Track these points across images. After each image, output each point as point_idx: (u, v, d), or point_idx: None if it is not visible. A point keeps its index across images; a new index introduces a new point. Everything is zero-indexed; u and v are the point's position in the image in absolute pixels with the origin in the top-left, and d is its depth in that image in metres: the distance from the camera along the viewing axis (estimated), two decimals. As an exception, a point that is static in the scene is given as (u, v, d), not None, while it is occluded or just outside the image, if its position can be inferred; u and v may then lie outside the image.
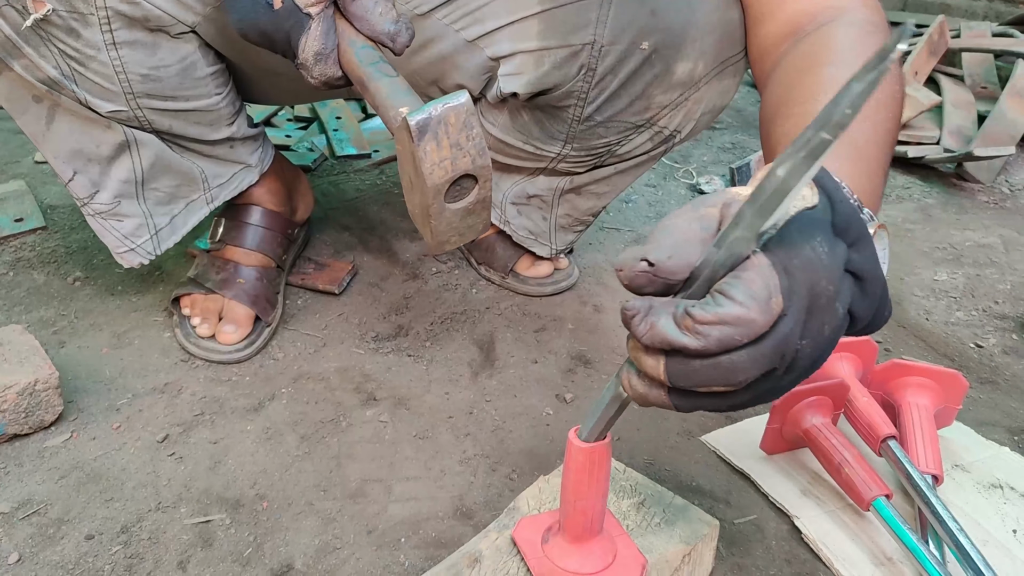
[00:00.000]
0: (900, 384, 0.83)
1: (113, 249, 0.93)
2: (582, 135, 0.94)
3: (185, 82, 0.85)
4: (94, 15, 0.76)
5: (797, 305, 0.40)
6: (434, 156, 0.60)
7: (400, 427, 0.86)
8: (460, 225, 0.66)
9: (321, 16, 0.66)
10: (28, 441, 0.82)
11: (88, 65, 0.79)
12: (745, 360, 0.40)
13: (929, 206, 1.42)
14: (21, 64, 0.79)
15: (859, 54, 0.64)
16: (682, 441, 0.85)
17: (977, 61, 1.93)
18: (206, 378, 0.93)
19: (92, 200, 0.90)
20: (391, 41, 0.68)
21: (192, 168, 0.93)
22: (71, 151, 0.86)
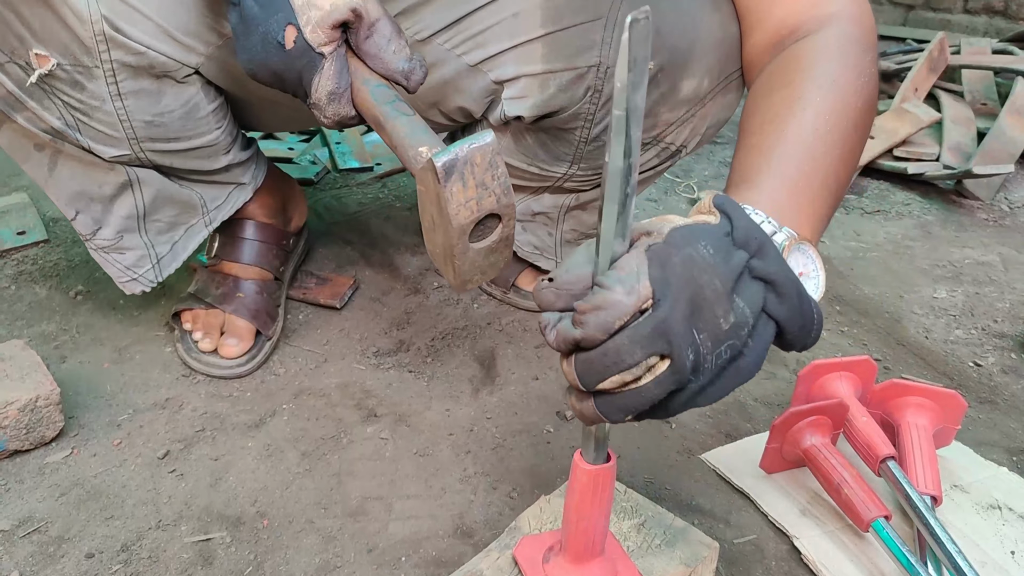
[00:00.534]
0: (899, 404, 0.83)
1: (116, 279, 0.94)
2: (589, 155, 0.95)
3: (188, 123, 0.85)
4: (99, 68, 0.76)
5: (676, 295, 0.44)
6: (460, 197, 0.59)
7: (401, 444, 0.86)
8: (483, 263, 0.66)
9: (334, 55, 0.66)
10: (29, 457, 0.82)
11: (92, 115, 0.79)
12: (626, 342, 0.44)
13: (929, 223, 1.42)
14: (24, 116, 0.79)
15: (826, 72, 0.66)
16: (682, 459, 0.85)
17: (977, 77, 1.94)
18: (207, 393, 0.93)
19: (95, 236, 0.90)
20: (405, 79, 0.68)
21: (191, 196, 0.93)
22: (74, 193, 0.87)
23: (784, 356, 1.02)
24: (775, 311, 0.47)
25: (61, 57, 0.74)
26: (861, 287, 1.19)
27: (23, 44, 0.73)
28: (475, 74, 0.89)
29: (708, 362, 0.45)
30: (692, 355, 0.44)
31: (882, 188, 1.56)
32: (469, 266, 0.64)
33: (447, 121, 0.99)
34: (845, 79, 0.66)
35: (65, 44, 0.74)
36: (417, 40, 0.88)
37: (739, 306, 0.45)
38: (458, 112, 0.95)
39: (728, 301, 0.44)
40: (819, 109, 0.63)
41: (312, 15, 0.65)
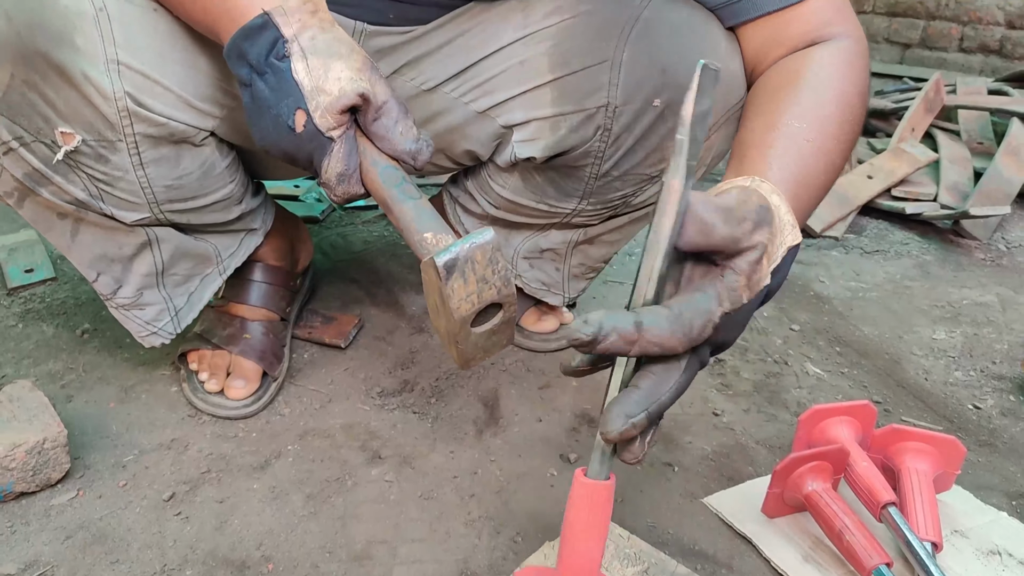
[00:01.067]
0: (899, 449, 0.84)
1: (136, 334, 0.95)
2: (599, 190, 0.96)
3: (205, 182, 0.87)
4: (122, 141, 0.77)
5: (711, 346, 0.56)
6: (461, 292, 0.62)
7: (405, 487, 0.87)
8: (486, 343, 0.68)
9: (343, 138, 0.68)
10: (35, 499, 0.83)
11: (116, 185, 0.81)
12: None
13: (927, 263, 1.44)
14: (49, 190, 0.80)
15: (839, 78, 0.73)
16: (685, 503, 0.86)
17: (973, 117, 1.96)
18: (213, 434, 0.94)
19: (115, 296, 0.91)
20: (412, 159, 0.71)
21: (206, 247, 0.95)
22: (95, 257, 0.88)
23: (785, 399, 1.03)
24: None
25: (86, 133, 0.76)
26: (861, 327, 1.21)
27: (48, 124, 0.74)
28: (483, 120, 0.91)
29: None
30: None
31: (881, 227, 1.58)
32: (471, 348, 0.67)
33: (453, 164, 1.01)
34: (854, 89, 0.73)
35: (90, 121, 0.75)
36: (424, 90, 0.90)
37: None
38: (465, 156, 0.97)
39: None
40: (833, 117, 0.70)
41: (321, 100, 0.66)
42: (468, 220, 1.10)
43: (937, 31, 2.88)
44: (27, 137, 0.75)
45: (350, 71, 0.67)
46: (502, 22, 0.89)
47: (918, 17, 2.92)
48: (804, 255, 1.45)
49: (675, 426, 0.97)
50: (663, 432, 0.96)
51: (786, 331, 1.20)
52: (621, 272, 1.38)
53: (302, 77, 0.66)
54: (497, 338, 0.68)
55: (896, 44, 3.01)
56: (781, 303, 1.28)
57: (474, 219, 1.09)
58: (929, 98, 1.97)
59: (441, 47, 0.90)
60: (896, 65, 2.97)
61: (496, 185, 0.99)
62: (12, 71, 0.70)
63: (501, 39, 0.89)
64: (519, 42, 0.88)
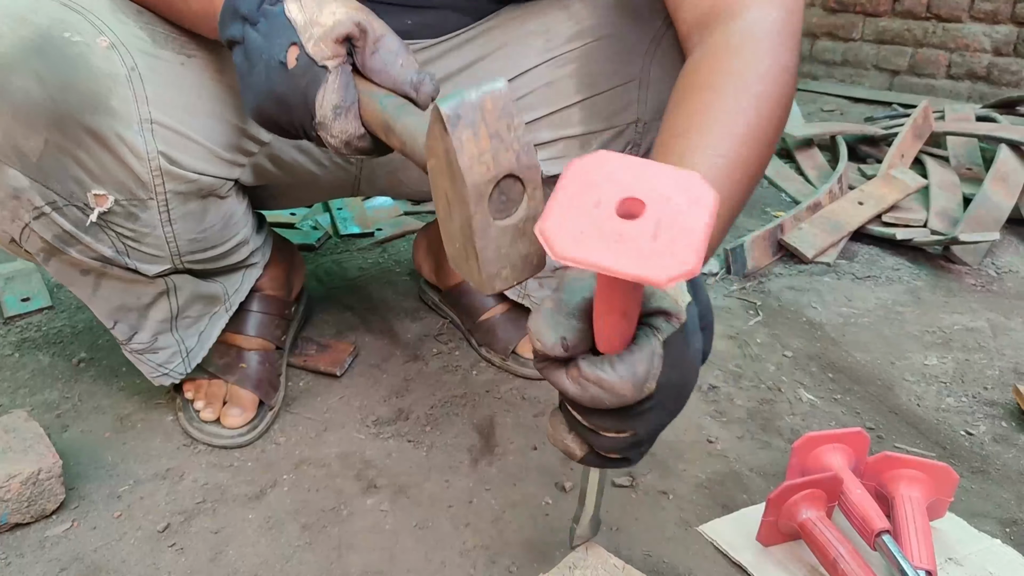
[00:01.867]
0: (892, 476, 0.84)
1: (148, 375, 0.95)
2: None
3: (225, 231, 0.89)
4: (153, 199, 0.78)
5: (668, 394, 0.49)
6: (472, 148, 0.52)
7: (400, 516, 0.87)
8: (511, 251, 0.56)
9: (339, 70, 0.64)
10: (29, 530, 0.83)
11: (143, 241, 0.81)
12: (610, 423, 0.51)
13: (918, 288, 1.45)
14: (77, 249, 0.79)
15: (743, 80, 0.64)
16: (680, 532, 0.86)
17: (961, 143, 1.99)
18: (208, 463, 0.94)
19: (131, 342, 0.91)
20: (414, 91, 0.65)
21: (216, 288, 0.96)
22: (115, 308, 0.88)
23: (779, 426, 1.04)
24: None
25: (118, 194, 0.76)
26: (853, 354, 1.21)
27: (81, 187, 0.74)
28: None
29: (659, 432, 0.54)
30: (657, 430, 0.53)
31: (872, 253, 1.59)
32: (494, 252, 0.55)
33: None
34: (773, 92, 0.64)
35: (122, 182, 0.75)
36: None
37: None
38: None
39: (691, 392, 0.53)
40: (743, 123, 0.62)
41: (315, 32, 0.63)
42: None
43: (925, 58, 2.92)
44: (60, 201, 0.74)
45: (345, 7, 0.64)
46: (524, 47, 0.90)
47: (906, 44, 2.96)
48: (796, 281, 1.46)
49: (669, 453, 0.97)
50: (657, 460, 0.96)
51: (779, 357, 1.20)
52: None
53: (295, 15, 0.63)
54: (524, 247, 0.56)
55: (885, 71, 3.05)
56: (774, 329, 1.28)
57: None
58: (918, 125, 2.00)
59: (462, 70, 0.91)
60: (885, 91, 3.01)
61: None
62: (47, 137, 0.69)
63: (524, 63, 0.90)
64: (543, 65, 0.90)
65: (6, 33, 0.67)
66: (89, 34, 0.71)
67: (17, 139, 0.69)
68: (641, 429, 0.50)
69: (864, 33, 3.07)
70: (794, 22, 0.67)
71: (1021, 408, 1.07)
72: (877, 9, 3.01)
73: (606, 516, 0.87)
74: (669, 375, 0.48)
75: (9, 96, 0.67)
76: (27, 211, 0.74)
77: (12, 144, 0.69)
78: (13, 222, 0.75)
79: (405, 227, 1.60)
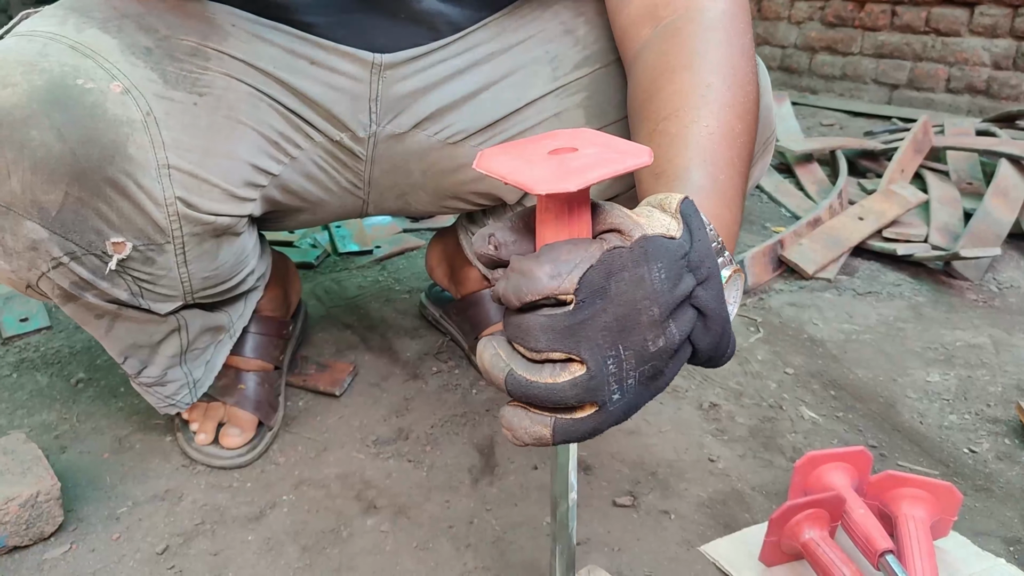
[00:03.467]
0: (895, 495, 0.83)
1: (155, 405, 0.94)
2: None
3: (237, 266, 0.89)
4: (170, 243, 0.77)
5: (605, 307, 0.44)
6: None
7: (401, 537, 0.86)
8: None
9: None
10: (27, 553, 0.82)
11: (158, 283, 0.81)
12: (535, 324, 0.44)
13: (920, 304, 1.45)
14: (93, 294, 0.78)
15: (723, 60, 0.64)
16: (681, 552, 0.85)
17: (962, 157, 1.99)
18: (207, 484, 0.94)
19: (140, 376, 0.91)
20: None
21: (222, 318, 0.96)
22: (127, 346, 0.87)
23: (780, 444, 1.03)
24: (699, 340, 0.48)
25: (136, 240, 0.75)
26: (855, 371, 1.21)
27: (100, 236, 0.73)
28: None
29: (631, 378, 0.46)
30: (614, 368, 0.45)
31: (873, 269, 1.59)
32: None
33: (475, 206, 1.02)
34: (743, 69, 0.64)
35: (141, 228, 0.75)
36: (449, 143, 0.91)
37: (671, 332, 0.46)
38: (486, 198, 0.98)
39: (661, 327, 0.45)
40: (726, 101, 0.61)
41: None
42: None
43: (924, 72, 2.93)
44: (78, 251, 0.73)
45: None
46: (531, 75, 0.89)
47: (905, 59, 2.98)
48: (797, 297, 1.46)
49: (671, 472, 0.97)
50: (659, 479, 0.95)
51: (780, 375, 1.20)
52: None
53: None
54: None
55: (884, 85, 3.06)
56: (775, 346, 1.28)
57: None
58: (917, 139, 2.00)
59: (467, 99, 0.89)
60: (884, 105, 3.02)
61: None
62: (67, 190, 0.68)
63: (532, 92, 0.89)
64: (551, 95, 0.89)
65: (20, 82, 0.66)
66: (102, 80, 0.70)
67: (36, 193, 0.68)
68: (585, 352, 0.44)
69: (863, 47, 3.09)
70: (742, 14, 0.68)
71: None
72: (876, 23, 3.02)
73: (607, 537, 0.86)
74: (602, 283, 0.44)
75: (29, 151, 0.66)
76: (45, 261, 0.73)
77: (31, 198, 0.68)
78: (30, 271, 0.74)
79: (404, 244, 1.61)
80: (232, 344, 0.99)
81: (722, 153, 0.59)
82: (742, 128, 0.62)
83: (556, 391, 0.44)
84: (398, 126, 0.90)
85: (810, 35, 3.24)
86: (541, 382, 0.45)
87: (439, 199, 1.00)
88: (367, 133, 0.89)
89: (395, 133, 0.90)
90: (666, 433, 1.05)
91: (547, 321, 0.44)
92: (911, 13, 2.91)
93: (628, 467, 0.98)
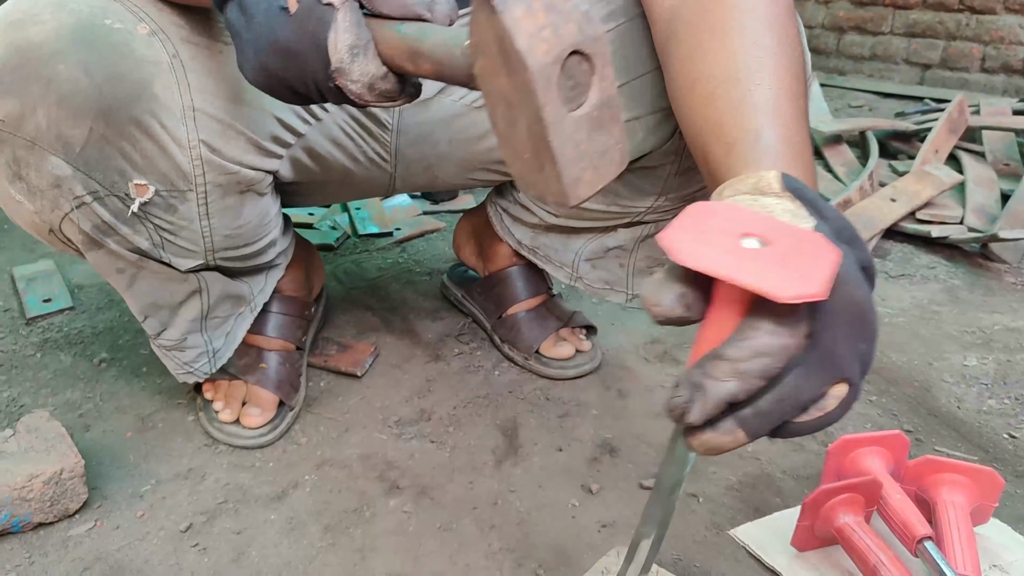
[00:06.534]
0: (934, 481, 0.81)
1: (173, 371, 0.94)
2: (679, 186, 0.93)
3: (259, 229, 0.88)
4: (192, 191, 0.77)
5: (834, 319, 0.43)
6: (528, 24, 0.44)
7: (424, 518, 0.85)
8: (589, 148, 0.49)
9: (346, 5, 0.57)
10: (53, 530, 0.82)
11: (179, 234, 0.80)
12: (802, 382, 0.43)
13: (956, 287, 1.41)
14: (115, 240, 0.78)
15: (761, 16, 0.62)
16: (711, 535, 0.83)
17: (998, 138, 1.94)
18: (229, 464, 0.93)
19: (160, 337, 0.90)
20: (429, 11, 0.57)
21: (243, 288, 0.95)
22: (148, 304, 0.87)
23: (812, 427, 1.00)
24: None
25: (159, 184, 0.75)
26: (889, 354, 1.18)
27: (123, 177, 0.73)
28: None
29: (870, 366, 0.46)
30: (861, 369, 0.45)
31: (906, 251, 1.55)
32: (572, 150, 0.47)
33: (501, 177, 1.01)
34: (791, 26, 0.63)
35: (164, 172, 0.74)
36: (475, 107, 0.90)
37: (874, 308, 0.46)
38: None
39: (872, 308, 0.45)
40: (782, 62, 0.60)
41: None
42: (520, 231, 1.09)
43: (958, 51, 2.86)
44: (101, 191, 0.73)
45: None
46: None
47: (938, 37, 2.90)
48: (828, 279, 1.43)
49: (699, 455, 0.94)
50: (687, 462, 0.93)
51: (812, 357, 1.17)
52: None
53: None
54: (603, 141, 0.49)
55: (916, 65, 2.99)
56: (806, 328, 1.25)
57: (526, 229, 1.07)
58: (953, 119, 1.95)
59: None
60: (916, 86, 2.95)
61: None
62: (91, 126, 0.69)
63: None
64: None
65: (48, 20, 0.66)
66: (129, 21, 0.70)
67: (62, 128, 0.68)
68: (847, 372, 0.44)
69: (894, 26, 3.01)
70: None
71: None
72: (907, 1, 2.95)
73: (634, 519, 0.84)
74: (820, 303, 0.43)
75: (56, 85, 0.66)
76: (68, 200, 0.73)
77: (56, 133, 0.68)
78: (53, 211, 0.74)
79: (424, 227, 1.59)
80: (252, 319, 0.98)
81: (789, 113, 0.58)
82: (799, 87, 0.60)
83: (833, 419, 0.45)
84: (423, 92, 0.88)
85: (838, 15, 3.17)
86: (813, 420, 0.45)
87: (466, 171, 0.98)
88: None
89: (421, 99, 0.89)
90: (694, 416, 1.02)
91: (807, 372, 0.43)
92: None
93: (655, 450, 0.96)
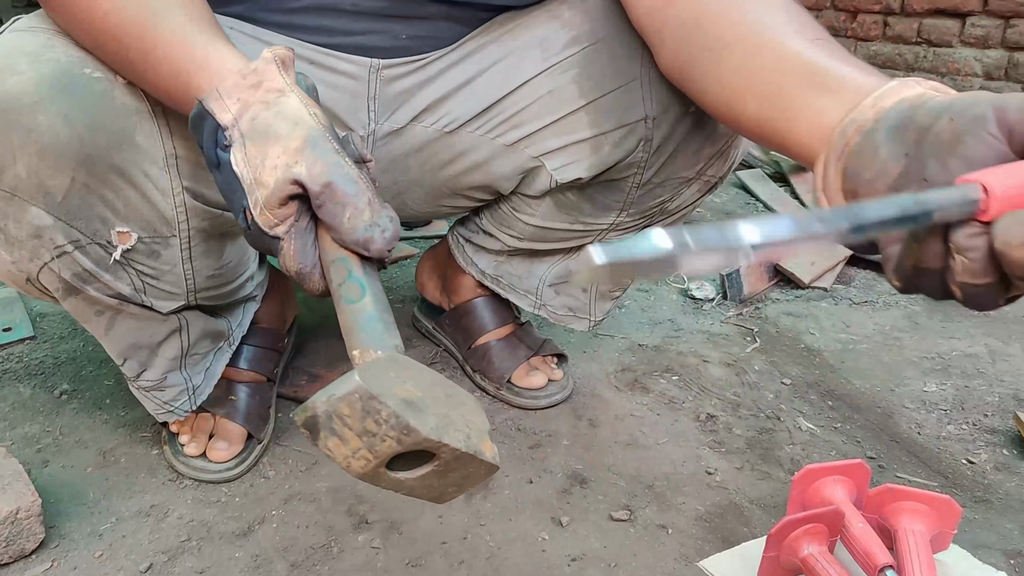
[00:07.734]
0: (895, 509, 0.82)
1: (152, 412, 0.92)
2: (640, 200, 0.96)
3: (239, 267, 0.88)
4: (175, 236, 0.77)
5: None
6: (343, 451, 0.50)
7: (393, 553, 0.84)
8: (442, 484, 0.55)
9: (290, 234, 0.60)
10: (8, 571, 0.80)
11: (162, 279, 0.80)
12: None
13: (916, 313, 1.44)
14: (95, 287, 0.77)
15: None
16: (680, 567, 0.84)
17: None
18: (194, 499, 0.91)
19: (139, 379, 0.89)
20: (364, 249, 0.59)
21: (222, 324, 0.94)
22: (128, 346, 0.85)
23: (778, 456, 1.02)
24: None
25: (142, 231, 0.74)
26: (852, 381, 1.20)
27: (106, 225, 0.72)
28: (511, 153, 0.92)
29: None
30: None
31: (869, 278, 1.58)
32: (423, 490, 0.54)
33: (469, 204, 1.01)
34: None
35: (147, 219, 0.74)
36: (446, 132, 0.91)
37: None
38: (484, 192, 0.98)
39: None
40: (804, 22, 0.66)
41: (259, 195, 0.59)
42: (484, 260, 1.09)
43: (915, 82, 2.94)
44: (83, 240, 0.72)
45: (286, 155, 0.58)
46: (521, 59, 0.89)
47: (897, 69, 2.98)
48: (794, 307, 1.45)
49: (668, 486, 0.95)
50: (656, 492, 0.94)
51: (778, 385, 1.19)
52: (611, 325, 1.37)
53: (241, 169, 0.59)
54: (460, 474, 0.54)
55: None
56: (772, 356, 1.27)
57: (490, 256, 1.08)
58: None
59: (461, 88, 0.90)
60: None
61: (523, 216, 0.99)
62: (73, 175, 0.68)
63: (523, 74, 0.89)
64: (543, 74, 0.89)
65: (26, 70, 0.65)
66: (108, 70, 0.70)
67: (43, 178, 0.67)
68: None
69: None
70: None
71: (1022, 436, 1.06)
72: (868, 34, 3.03)
73: (604, 552, 0.85)
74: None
75: (36, 135, 0.65)
76: (48, 250, 0.71)
77: (37, 183, 0.67)
78: (32, 261, 0.72)
79: (398, 253, 1.59)
80: (231, 353, 0.97)
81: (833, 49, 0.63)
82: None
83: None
84: (396, 122, 0.90)
85: (802, 44, 3.25)
86: None
87: (436, 197, 0.99)
88: (366, 132, 0.89)
89: (393, 129, 0.91)
90: (663, 445, 1.03)
91: None
92: (903, 24, 2.92)
93: (625, 480, 0.96)
